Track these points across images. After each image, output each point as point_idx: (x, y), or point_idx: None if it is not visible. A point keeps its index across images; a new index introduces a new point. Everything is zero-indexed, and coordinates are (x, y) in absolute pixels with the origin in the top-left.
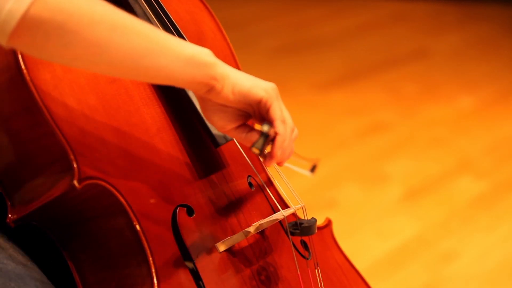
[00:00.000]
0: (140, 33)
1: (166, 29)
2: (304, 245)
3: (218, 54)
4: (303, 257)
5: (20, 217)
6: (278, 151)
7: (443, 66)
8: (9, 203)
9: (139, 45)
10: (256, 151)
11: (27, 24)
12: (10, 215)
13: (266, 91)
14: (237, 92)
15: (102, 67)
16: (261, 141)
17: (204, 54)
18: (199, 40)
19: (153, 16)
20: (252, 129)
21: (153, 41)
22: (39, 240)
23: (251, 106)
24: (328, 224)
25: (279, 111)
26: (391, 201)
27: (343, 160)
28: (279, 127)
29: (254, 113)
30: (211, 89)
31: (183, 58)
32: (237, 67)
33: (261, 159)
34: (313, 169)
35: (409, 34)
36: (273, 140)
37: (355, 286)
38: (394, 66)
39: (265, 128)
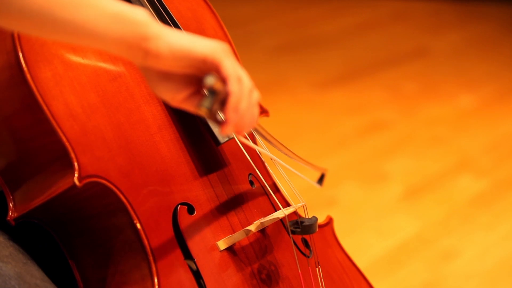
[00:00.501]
0: None
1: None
2: (305, 243)
3: None
4: (304, 255)
5: (20, 215)
6: (231, 114)
7: (443, 65)
8: (10, 201)
9: None
10: (203, 110)
11: None
12: (10, 213)
13: (211, 48)
14: (176, 53)
15: (15, 18)
16: (208, 99)
17: (136, 12)
18: None
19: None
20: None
21: None
22: (40, 238)
23: (198, 68)
24: (329, 222)
25: (231, 68)
26: (391, 200)
27: (343, 159)
28: (231, 85)
29: (205, 75)
30: (146, 53)
31: (109, 13)
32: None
33: (217, 126)
34: (320, 180)
35: (409, 33)
36: (220, 95)
37: (357, 284)
38: (394, 64)
39: (209, 80)
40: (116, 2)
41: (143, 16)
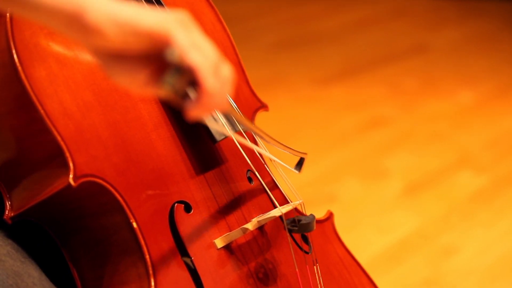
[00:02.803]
0: None
1: None
2: (305, 239)
3: (218, 46)
4: (304, 251)
5: (17, 214)
6: (209, 81)
7: (443, 61)
8: (6, 200)
9: None
10: (167, 88)
11: None
12: (7, 212)
13: (159, 19)
14: (121, 27)
15: None
16: (171, 74)
17: None
18: None
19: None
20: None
21: None
22: (38, 236)
23: (150, 44)
24: (330, 217)
25: (187, 39)
26: (391, 196)
27: (343, 155)
28: (192, 56)
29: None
30: (85, 27)
31: None
32: (237, 59)
33: (184, 108)
34: (299, 165)
35: (409, 29)
36: (184, 70)
37: (357, 280)
38: (394, 61)
39: (170, 54)
40: None
41: None
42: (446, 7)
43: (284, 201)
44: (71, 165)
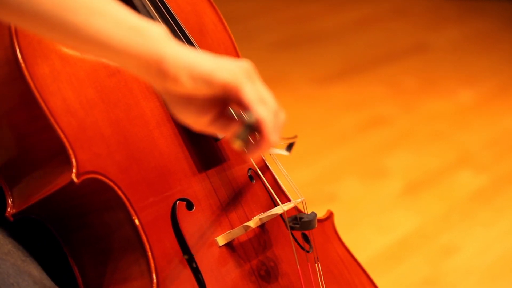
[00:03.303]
0: None
1: (165, 20)
2: (305, 237)
3: (219, 46)
4: (304, 250)
5: (19, 211)
6: (271, 136)
7: (443, 61)
8: (8, 197)
9: None
10: (238, 143)
11: None
12: (9, 209)
13: (231, 73)
14: (196, 77)
15: (27, 19)
16: (244, 133)
17: (154, 28)
18: (199, 31)
19: (151, 6)
20: (231, 118)
21: None
22: (39, 234)
23: (219, 92)
24: (330, 216)
25: (254, 92)
26: (391, 195)
27: (343, 154)
28: (258, 109)
29: (229, 100)
30: (164, 75)
31: (125, 25)
32: (238, 58)
33: (243, 152)
34: (289, 147)
35: (409, 28)
36: (255, 128)
37: (357, 279)
38: (394, 60)
39: (251, 118)
40: (133, 15)
41: (161, 33)
42: (446, 6)
43: (285, 199)
44: (74, 162)
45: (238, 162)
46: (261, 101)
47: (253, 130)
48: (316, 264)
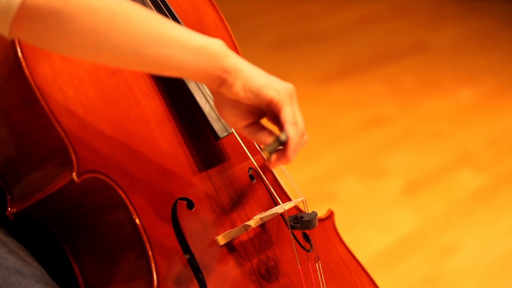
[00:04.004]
0: (143, 21)
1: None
2: (306, 237)
3: None
4: (305, 249)
5: (19, 210)
6: (291, 156)
7: (443, 60)
8: (8, 196)
9: (141, 34)
10: (266, 155)
11: (26, 12)
12: (9, 208)
13: (278, 92)
14: (248, 89)
15: (104, 56)
16: (274, 146)
17: (215, 45)
18: (200, 31)
19: (151, 6)
20: (263, 127)
21: (158, 30)
22: (40, 234)
23: (263, 104)
24: (330, 215)
25: (291, 114)
26: (391, 195)
27: (343, 154)
28: (290, 130)
29: (267, 111)
30: (223, 82)
31: (191, 48)
32: None
33: (267, 161)
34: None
35: (409, 27)
36: (283, 144)
37: (357, 278)
38: (394, 59)
39: (283, 137)
40: (195, 35)
41: (222, 48)
42: (446, 5)
43: (286, 198)
44: (74, 161)
45: (239, 161)
46: (294, 123)
47: (281, 145)
48: (316, 264)
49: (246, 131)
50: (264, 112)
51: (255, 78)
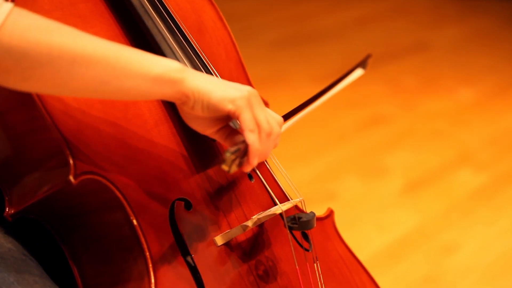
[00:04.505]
0: (101, 60)
1: (162, 19)
2: (305, 236)
3: (218, 44)
4: (304, 248)
5: (17, 211)
6: (253, 160)
7: (442, 59)
8: (6, 197)
9: (100, 72)
10: (225, 168)
11: None
12: (7, 209)
13: (234, 103)
14: (205, 107)
15: (68, 94)
16: (227, 162)
17: (172, 70)
18: (199, 29)
19: (149, 6)
20: (233, 130)
21: (116, 66)
22: (38, 234)
23: (224, 115)
24: (330, 214)
25: (249, 120)
26: (391, 194)
27: (343, 153)
28: (248, 137)
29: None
30: (183, 103)
31: (149, 78)
32: (238, 56)
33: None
34: (364, 63)
35: (409, 27)
36: (245, 151)
37: (357, 277)
38: (393, 59)
39: (226, 154)
40: (153, 63)
41: (179, 73)
42: (446, 5)
43: (284, 198)
44: (71, 162)
45: None
46: (252, 129)
47: (243, 151)
48: (315, 264)
49: (217, 136)
50: (230, 117)
51: (211, 95)
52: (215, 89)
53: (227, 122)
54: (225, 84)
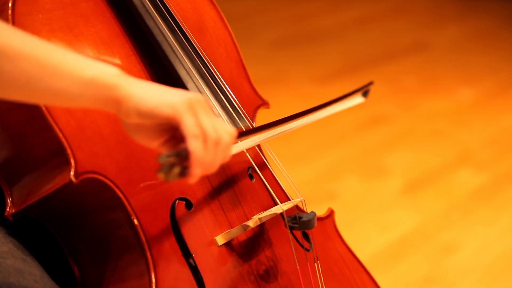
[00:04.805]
0: (30, 56)
1: (164, 19)
2: (305, 236)
3: (219, 43)
4: (304, 248)
5: (18, 211)
6: (196, 170)
7: (442, 59)
8: (7, 197)
9: (28, 69)
10: (161, 175)
11: None
12: (8, 209)
13: (173, 107)
14: (142, 114)
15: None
16: (163, 170)
17: (107, 75)
18: (199, 29)
19: (150, 6)
20: (181, 141)
21: (46, 64)
22: (39, 234)
23: (166, 123)
24: (330, 214)
25: (191, 126)
26: (391, 194)
27: (343, 153)
28: (190, 143)
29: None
30: (117, 111)
31: (81, 81)
32: (238, 56)
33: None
34: (365, 93)
35: (409, 27)
36: (186, 159)
37: (357, 277)
38: (393, 58)
39: (161, 159)
40: (89, 66)
41: (114, 78)
42: (446, 5)
43: (285, 198)
44: (72, 161)
45: (238, 160)
46: (198, 135)
47: (184, 160)
48: (315, 264)
49: (164, 149)
50: (175, 127)
51: (146, 101)
52: (152, 95)
53: (175, 133)
54: (165, 91)
